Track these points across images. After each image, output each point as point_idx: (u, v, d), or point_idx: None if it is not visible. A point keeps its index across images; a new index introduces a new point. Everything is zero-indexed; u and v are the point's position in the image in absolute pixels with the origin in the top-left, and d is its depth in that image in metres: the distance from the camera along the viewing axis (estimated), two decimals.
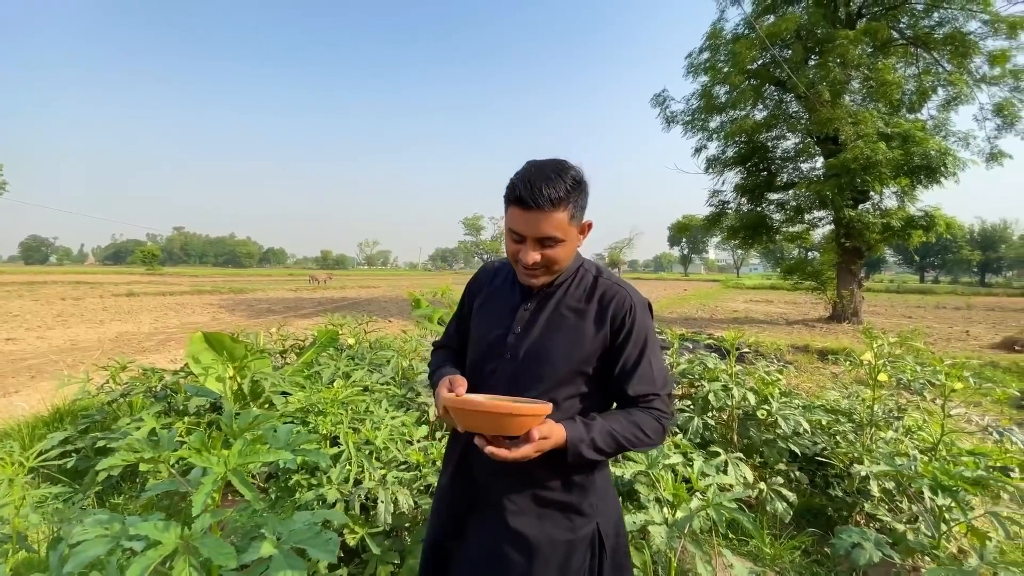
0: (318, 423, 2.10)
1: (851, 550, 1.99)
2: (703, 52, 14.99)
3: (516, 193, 1.06)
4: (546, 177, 1.05)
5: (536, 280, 1.15)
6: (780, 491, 2.65)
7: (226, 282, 36.88)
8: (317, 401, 2.23)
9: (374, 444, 2.06)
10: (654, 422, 1.12)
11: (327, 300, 21.21)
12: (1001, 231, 66.06)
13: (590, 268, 1.24)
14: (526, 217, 1.06)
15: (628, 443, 1.09)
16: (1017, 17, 11.72)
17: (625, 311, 1.15)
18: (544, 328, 1.17)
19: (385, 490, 1.87)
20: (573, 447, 1.03)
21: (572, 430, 1.04)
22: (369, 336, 4.13)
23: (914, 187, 11.93)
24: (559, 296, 1.19)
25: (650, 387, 1.14)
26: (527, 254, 1.09)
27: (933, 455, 2.77)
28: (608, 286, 1.18)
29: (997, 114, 12.89)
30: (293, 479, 2.00)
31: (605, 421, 1.09)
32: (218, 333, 2.97)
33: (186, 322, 12.77)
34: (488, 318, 1.27)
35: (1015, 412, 5.54)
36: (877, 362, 2.81)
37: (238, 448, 1.44)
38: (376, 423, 2.17)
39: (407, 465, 2.25)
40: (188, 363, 3.04)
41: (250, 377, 2.82)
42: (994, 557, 1.94)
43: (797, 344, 8.72)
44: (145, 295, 22.03)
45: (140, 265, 72.74)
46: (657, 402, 1.14)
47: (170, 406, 3.29)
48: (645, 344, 1.15)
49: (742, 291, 35.44)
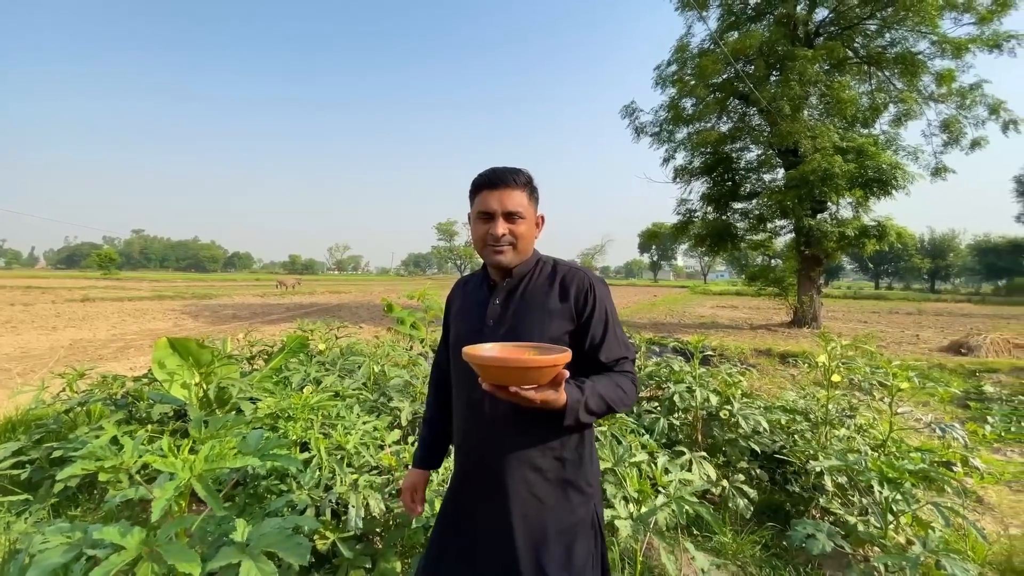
0: (288, 429, 2.09)
1: (805, 541, 2.10)
2: (671, 65, 15.41)
3: (484, 178, 1.27)
4: (508, 168, 1.28)
5: (504, 257, 1.28)
6: (742, 488, 2.76)
7: (189, 287, 35.67)
8: (287, 407, 2.21)
9: (345, 449, 2.06)
10: (628, 382, 1.25)
11: (296, 306, 20.77)
12: (949, 240, 69.69)
13: (547, 260, 1.39)
14: (494, 195, 1.25)
15: (613, 403, 1.18)
16: (963, 39, 12.46)
17: (586, 289, 1.28)
18: (514, 316, 1.28)
19: (356, 495, 1.88)
20: (571, 409, 1.09)
21: (570, 391, 1.09)
22: (340, 342, 4.10)
23: (868, 198, 12.55)
24: (524, 286, 1.32)
25: (620, 351, 1.28)
26: (496, 227, 1.25)
27: (882, 451, 2.94)
28: (567, 270, 1.33)
29: (943, 130, 13.65)
30: (262, 485, 1.99)
31: (592, 383, 1.17)
32: (184, 338, 2.92)
33: (146, 328, 12.32)
34: (463, 319, 1.40)
35: (959, 411, 5.88)
36: (831, 364, 2.96)
37: (204, 453, 1.43)
38: (348, 428, 2.18)
39: (379, 470, 2.25)
40: (152, 369, 2.97)
41: (216, 383, 2.77)
42: (936, 546, 2.08)
43: (760, 348, 9.02)
44: (102, 300, 21.13)
45: (96, 269, 69.45)
46: (627, 364, 1.29)
47: (132, 414, 3.20)
48: (607, 316, 1.29)
49: (709, 297, 36.33)
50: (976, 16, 12.37)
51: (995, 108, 13.00)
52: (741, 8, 14.66)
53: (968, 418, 5.55)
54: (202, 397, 2.92)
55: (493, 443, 1.26)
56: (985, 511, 3.32)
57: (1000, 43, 12.21)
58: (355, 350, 3.90)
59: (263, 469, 1.95)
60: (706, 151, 14.98)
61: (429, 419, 1.59)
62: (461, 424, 1.37)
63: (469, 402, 1.31)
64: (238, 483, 2.19)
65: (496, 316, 1.30)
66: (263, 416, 2.22)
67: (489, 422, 1.27)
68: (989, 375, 7.37)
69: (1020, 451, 4.57)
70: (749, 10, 14.61)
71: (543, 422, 1.19)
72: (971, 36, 12.47)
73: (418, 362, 3.19)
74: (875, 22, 13.26)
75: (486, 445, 1.28)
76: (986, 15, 12.21)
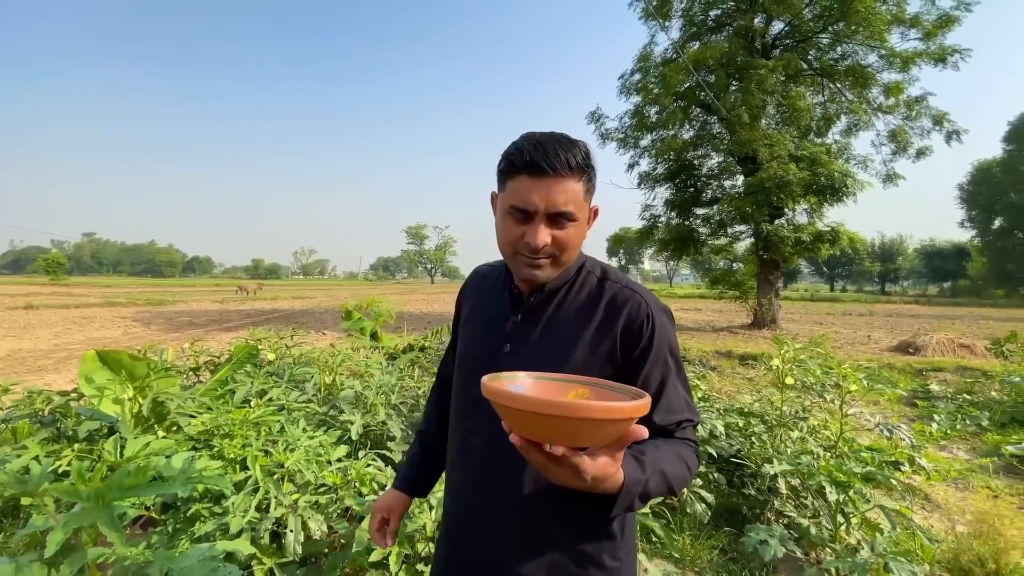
0: (224, 446, 1.96)
1: (758, 547, 2.10)
2: (635, 74, 15.72)
3: (525, 157, 0.86)
4: (559, 141, 0.88)
5: (542, 272, 0.93)
6: (699, 492, 2.76)
7: (142, 293, 34.15)
8: (224, 423, 2.08)
9: (286, 467, 1.94)
10: (693, 455, 0.91)
11: (256, 312, 20.10)
12: (898, 244, 73.50)
13: (593, 269, 1.02)
14: (538, 186, 0.86)
15: (674, 485, 0.83)
16: (910, 52, 13.13)
17: (641, 320, 0.92)
18: (538, 344, 0.95)
19: (295, 516, 1.77)
20: (627, 492, 0.73)
21: (627, 467, 0.73)
22: (293, 351, 3.94)
23: (821, 205, 13.09)
24: (556, 303, 0.98)
25: (683, 412, 0.93)
26: (536, 234, 0.88)
27: (834, 452, 3.00)
28: (617, 290, 0.97)
29: (892, 140, 14.37)
30: (193, 509, 1.85)
31: (653, 454, 0.82)
32: (115, 350, 2.73)
33: (92, 337, 11.67)
34: (473, 334, 1.07)
35: (907, 409, 6.11)
36: (783, 367, 3.00)
37: (114, 482, 1.31)
38: (290, 444, 2.06)
39: (325, 488, 2.14)
40: (79, 384, 2.77)
41: (151, 398, 2.59)
42: (884, 548, 2.11)
43: (721, 350, 9.20)
44: (46, 308, 19.94)
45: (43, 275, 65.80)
46: (690, 430, 0.94)
47: (60, 432, 2.97)
48: (668, 361, 0.94)
49: (674, 299, 37.06)
50: (922, 31, 13.05)
51: (939, 119, 13.76)
52: (702, 20, 15.10)
53: (916, 416, 5.77)
54: (137, 413, 2.73)
55: (496, 521, 0.92)
56: (934, 509, 3.42)
57: (945, 56, 12.92)
58: (310, 360, 3.76)
59: (189, 492, 1.81)
60: (669, 158, 15.34)
61: (423, 432, 1.25)
62: (454, 471, 1.04)
63: (469, 448, 0.99)
64: (168, 505, 2.04)
65: (514, 337, 0.98)
66: (196, 434, 2.07)
67: (495, 483, 0.93)
68: (935, 374, 7.72)
69: (965, 448, 4.77)
70: (710, 21, 15.06)
71: (577, 502, 0.83)
72: (917, 50, 13.17)
73: (372, 372, 3.07)
74: (827, 36, 13.85)
75: (485, 520, 0.94)
76: (931, 30, 12.90)
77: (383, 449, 2.54)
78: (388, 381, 2.90)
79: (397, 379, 3.04)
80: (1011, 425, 5.21)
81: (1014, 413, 5.35)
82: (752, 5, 13.85)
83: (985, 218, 48.00)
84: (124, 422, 2.72)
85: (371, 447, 2.61)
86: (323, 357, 3.30)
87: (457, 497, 1.01)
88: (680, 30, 15.49)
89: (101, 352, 2.69)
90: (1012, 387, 5.82)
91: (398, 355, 4.36)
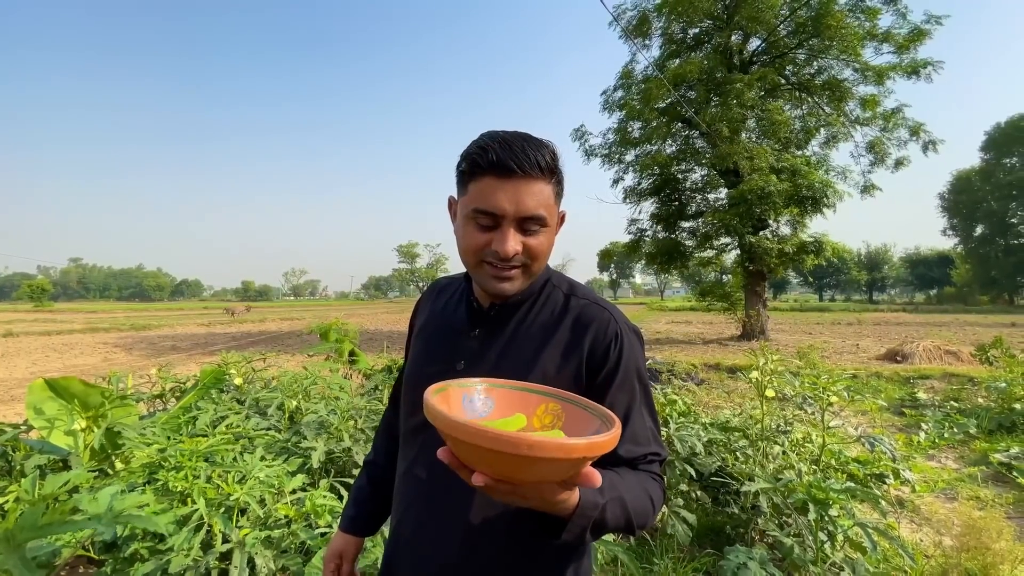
0: (169, 479, 1.85)
1: (737, 571, 2.00)
2: (617, 90, 15.95)
3: (491, 157, 0.77)
4: (526, 139, 0.80)
5: (511, 285, 0.84)
6: (680, 513, 2.66)
7: (128, 318, 33.60)
8: (172, 453, 1.97)
9: (235, 500, 1.83)
10: (659, 489, 0.83)
11: (243, 335, 19.81)
12: (883, 253, 74.57)
13: (560, 283, 0.95)
14: (506, 188, 0.78)
15: (634, 518, 0.75)
16: (884, 66, 13.44)
17: (609, 339, 0.85)
18: (497, 363, 0.87)
19: (241, 552, 1.66)
20: (581, 514, 0.66)
21: (583, 489, 0.66)
22: (264, 374, 3.81)
23: (803, 215, 13.24)
24: (518, 319, 0.90)
25: (648, 444, 0.86)
26: (505, 241, 0.79)
27: (818, 465, 2.92)
28: (584, 307, 0.90)
29: (870, 151, 14.62)
30: (132, 548, 1.73)
31: (613, 480, 0.74)
32: (66, 378, 2.61)
33: (70, 364, 11.39)
34: (424, 349, 0.98)
35: (895, 418, 6.06)
36: (763, 380, 2.94)
37: (25, 521, 1.20)
38: (241, 475, 1.95)
39: (283, 520, 2.03)
40: (27, 415, 2.63)
41: (103, 429, 2.47)
42: (866, 569, 2.02)
43: (710, 362, 9.16)
44: (27, 335, 19.53)
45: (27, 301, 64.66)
46: (657, 465, 0.87)
47: (10, 465, 2.83)
48: (636, 386, 0.87)
49: (665, 313, 37.16)
50: (895, 45, 13.37)
51: (915, 130, 14.04)
52: (681, 38, 15.40)
53: (904, 425, 5.72)
54: (90, 445, 2.60)
55: (439, 562, 0.84)
56: (923, 522, 3.34)
57: (918, 69, 13.24)
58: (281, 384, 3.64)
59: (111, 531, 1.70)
60: (654, 172, 15.47)
61: (370, 464, 1.13)
62: (396, 503, 0.95)
63: (412, 478, 0.91)
64: (109, 544, 1.92)
65: (470, 354, 0.89)
66: (140, 467, 1.96)
67: (442, 512, 0.85)
68: (923, 382, 7.71)
69: (954, 457, 4.71)
70: (689, 39, 15.37)
71: (522, 520, 0.76)
72: (891, 64, 13.49)
73: (340, 396, 2.96)
74: (803, 51, 14.16)
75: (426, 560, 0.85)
76: (904, 44, 13.22)
77: (347, 477, 2.43)
78: (356, 404, 2.79)
79: (367, 402, 2.93)
80: (998, 432, 5.18)
81: (1001, 419, 5.32)
82: (729, 23, 14.15)
83: (966, 226, 48.88)
84: (77, 455, 2.59)
85: (335, 475, 2.49)
86: (289, 380, 3.19)
87: (398, 537, 0.92)
88: (660, 48, 15.79)
89: (50, 380, 2.57)
90: (998, 393, 5.80)
91: (374, 374, 4.24)
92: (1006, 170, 44.51)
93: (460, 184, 0.85)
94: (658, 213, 15.87)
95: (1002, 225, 45.22)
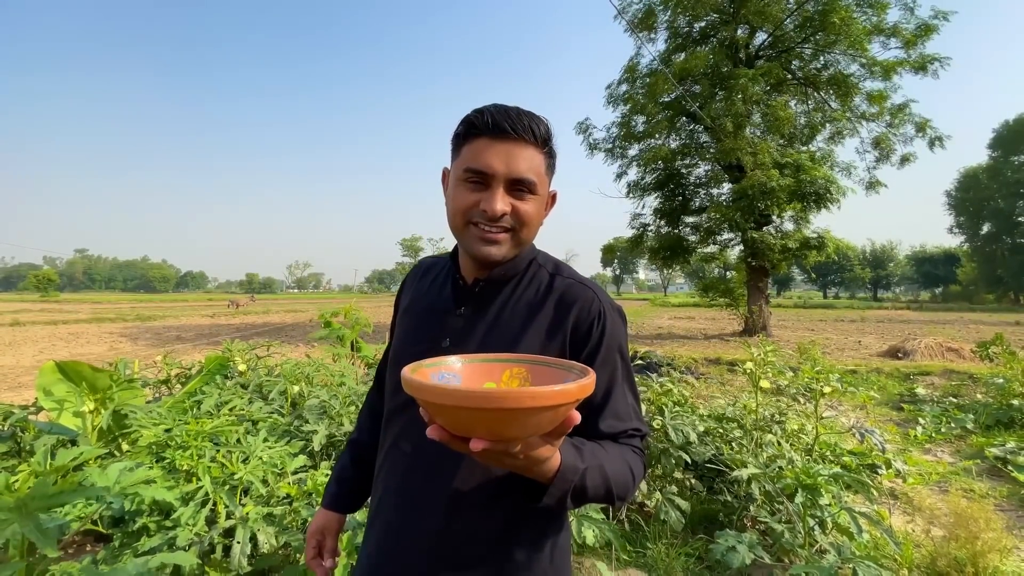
0: (176, 458, 1.91)
1: (726, 554, 2.05)
2: (621, 84, 15.87)
3: (487, 119, 0.80)
4: (523, 110, 0.84)
5: (498, 249, 0.85)
6: (673, 499, 2.72)
7: (133, 309, 33.88)
8: (179, 434, 2.03)
9: (239, 478, 1.89)
10: (639, 462, 0.85)
11: (246, 326, 19.96)
12: (888, 251, 74.15)
13: (545, 263, 0.96)
14: (498, 149, 0.80)
15: (615, 487, 0.78)
16: (891, 61, 13.33)
17: (593, 317, 0.87)
18: (483, 341, 0.87)
19: (244, 528, 1.72)
20: (563, 478, 0.68)
21: (565, 452, 0.69)
22: (267, 362, 3.88)
23: (806, 211, 13.20)
24: (504, 297, 0.91)
25: (630, 420, 0.88)
26: (494, 200, 0.81)
27: (811, 455, 2.96)
28: (569, 286, 0.91)
29: (875, 147, 14.54)
30: (139, 522, 1.80)
31: (594, 449, 0.77)
32: (75, 362, 2.68)
33: (76, 353, 11.52)
34: (409, 328, 0.99)
35: (894, 412, 6.09)
36: (758, 371, 2.98)
37: (37, 490, 1.26)
38: (245, 455, 2.01)
39: (285, 498, 2.09)
40: (37, 397, 2.71)
41: (111, 411, 2.53)
42: (852, 552, 2.07)
43: (710, 357, 9.20)
44: (33, 324, 19.75)
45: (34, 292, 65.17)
46: (637, 440, 0.88)
47: (19, 446, 2.91)
48: (618, 364, 0.88)
49: (668, 308, 37.15)
50: (902, 40, 13.25)
51: (922, 126, 13.93)
52: (686, 32, 15.29)
53: (902, 420, 5.75)
54: (99, 426, 2.67)
55: (422, 538, 0.85)
56: (915, 512, 3.38)
57: (925, 65, 13.11)
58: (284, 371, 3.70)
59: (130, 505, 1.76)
60: (657, 167, 15.43)
61: (354, 442, 1.15)
62: (378, 480, 0.96)
63: (397, 454, 0.91)
64: (119, 520, 1.99)
65: (456, 333, 0.90)
66: (148, 445, 2.02)
67: (422, 499, 0.86)
68: (923, 378, 7.73)
69: (950, 451, 4.74)
70: (694, 33, 15.25)
71: (504, 491, 0.81)
72: (898, 59, 13.36)
73: (343, 381, 3.03)
74: (810, 46, 14.06)
75: (409, 538, 0.86)
76: (911, 39, 13.10)
77: None
78: (357, 390, 2.85)
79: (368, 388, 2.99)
80: (995, 427, 5.20)
81: (998, 415, 5.34)
82: (735, 17, 14.05)
83: (973, 223, 48.56)
84: (85, 435, 2.67)
85: (335, 458, 2.56)
86: (292, 368, 3.25)
87: (381, 510, 0.92)
88: (666, 42, 15.70)
89: (60, 363, 2.64)
90: (996, 389, 5.82)
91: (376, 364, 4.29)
92: (1014, 168, 44.14)
93: (455, 150, 0.87)
94: (661, 208, 15.84)
95: (1009, 223, 44.90)
